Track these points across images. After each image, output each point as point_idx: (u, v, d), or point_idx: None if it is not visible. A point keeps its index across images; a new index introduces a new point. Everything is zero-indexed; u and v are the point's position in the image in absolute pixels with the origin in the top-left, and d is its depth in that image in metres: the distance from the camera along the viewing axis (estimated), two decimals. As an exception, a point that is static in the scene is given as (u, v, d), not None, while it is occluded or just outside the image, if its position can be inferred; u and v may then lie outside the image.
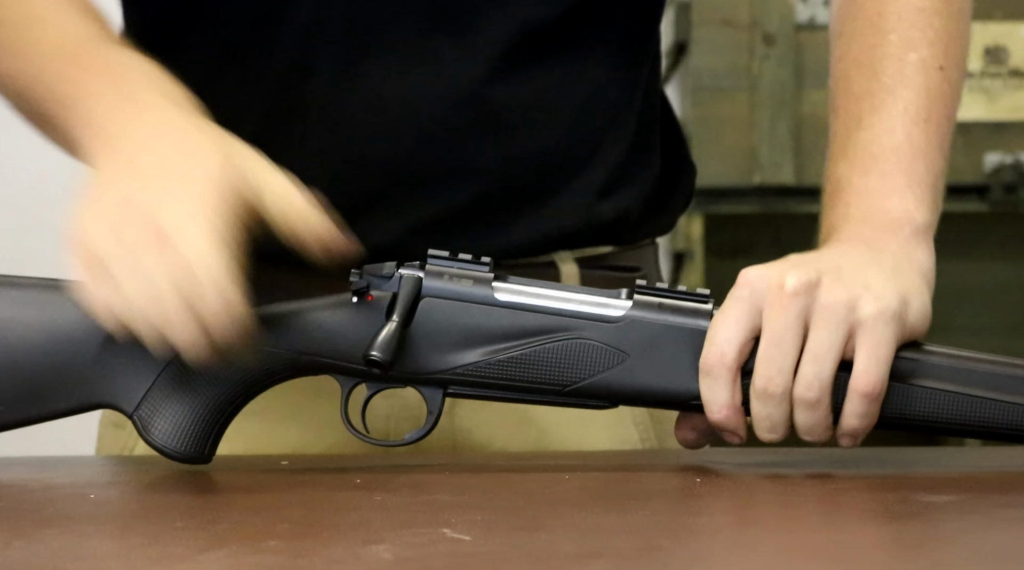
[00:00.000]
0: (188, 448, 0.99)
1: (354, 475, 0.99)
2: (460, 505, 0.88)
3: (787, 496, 0.92)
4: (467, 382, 0.98)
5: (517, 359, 0.98)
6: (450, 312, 0.98)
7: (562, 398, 0.98)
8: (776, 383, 0.93)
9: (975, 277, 2.98)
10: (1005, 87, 2.95)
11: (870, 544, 0.76)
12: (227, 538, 0.79)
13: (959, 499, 0.89)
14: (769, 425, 0.95)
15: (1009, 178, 2.87)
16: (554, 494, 0.91)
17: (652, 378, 0.96)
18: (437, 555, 0.74)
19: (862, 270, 0.96)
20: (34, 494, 0.95)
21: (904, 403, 0.95)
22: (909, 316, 0.96)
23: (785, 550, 0.76)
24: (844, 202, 1.03)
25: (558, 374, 0.97)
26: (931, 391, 0.95)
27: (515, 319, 0.98)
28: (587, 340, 0.97)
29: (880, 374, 0.93)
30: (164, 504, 0.92)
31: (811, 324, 0.93)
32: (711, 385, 0.95)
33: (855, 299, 0.93)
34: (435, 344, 0.98)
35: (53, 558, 0.76)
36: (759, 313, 0.94)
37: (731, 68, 2.93)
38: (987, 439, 0.96)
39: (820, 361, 0.93)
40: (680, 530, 0.82)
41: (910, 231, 1.01)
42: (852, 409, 0.94)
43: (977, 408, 0.95)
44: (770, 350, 0.93)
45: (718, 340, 0.94)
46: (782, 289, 0.93)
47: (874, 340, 0.93)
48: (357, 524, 0.83)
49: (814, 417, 0.94)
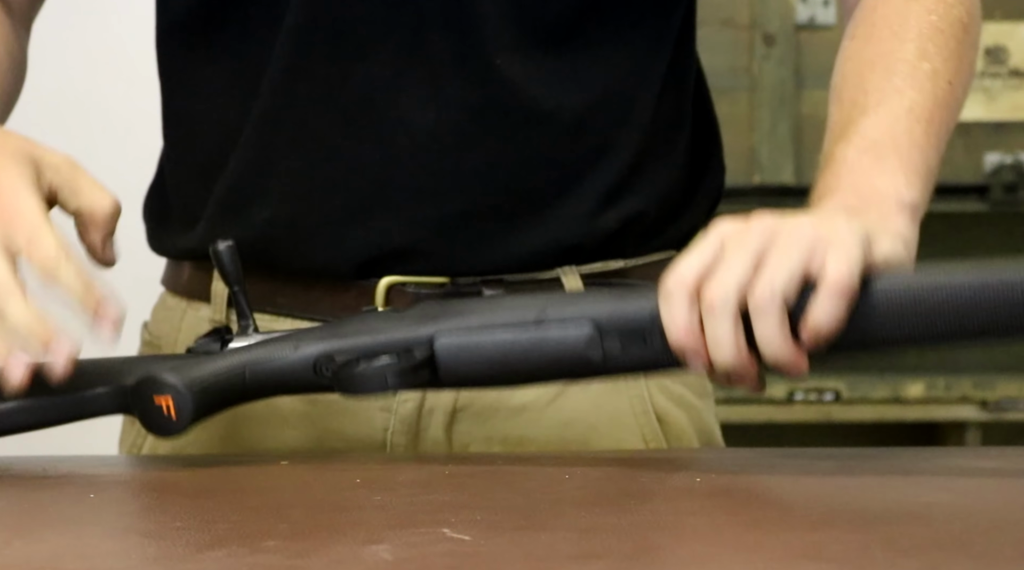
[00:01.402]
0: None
1: (354, 475, 0.99)
2: (460, 505, 0.88)
3: (787, 496, 0.92)
4: (450, 330, 0.98)
5: (500, 301, 0.99)
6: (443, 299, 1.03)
7: (539, 329, 0.98)
8: (716, 294, 0.92)
9: (975, 277, 2.98)
10: (1005, 87, 2.95)
11: (870, 544, 0.76)
12: (227, 538, 0.79)
13: (959, 499, 0.89)
14: (714, 341, 0.93)
15: (1009, 178, 2.87)
16: (554, 494, 0.91)
17: (629, 298, 0.97)
18: (437, 555, 0.74)
19: (835, 223, 0.96)
20: (34, 494, 0.95)
21: (871, 317, 0.94)
22: (878, 250, 0.94)
23: (785, 550, 0.76)
24: (835, 174, 1.03)
25: (538, 300, 0.98)
26: (900, 301, 0.94)
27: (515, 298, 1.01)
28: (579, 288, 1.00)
29: (850, 271, 0.91)
30: (164, 504, 0.92)
31: (773, 251, 0.93)
32: (669, 308, 0.94)
33: (820, 233, 0.93)
34: (426, 316, 0.99)
35: (53, 558, 0.76)
36: (723, 251, 0.95)
37: (731, 68, 2.94)
38: (968, 340, 0.94)
39: (772, 269, 0.92)
40: (680, 530, 0.82)
41: (895, 204, 1.00)
42: (820, 305, 0.92)
43: (951, 308, 0.92)
44: (715, 268, 0.93)
45: (679, 267, 0.95)
46: (747, 226, 0.94)
47: (843, 249, 0.92)
48: (357, 524, 0.83)
49: (769, 326, 0.92)
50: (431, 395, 1.13)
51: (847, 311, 0.92)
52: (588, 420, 1.15)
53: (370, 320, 1.01)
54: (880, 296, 0.93)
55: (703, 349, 0.94)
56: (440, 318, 0.99)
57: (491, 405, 1.14)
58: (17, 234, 0.97)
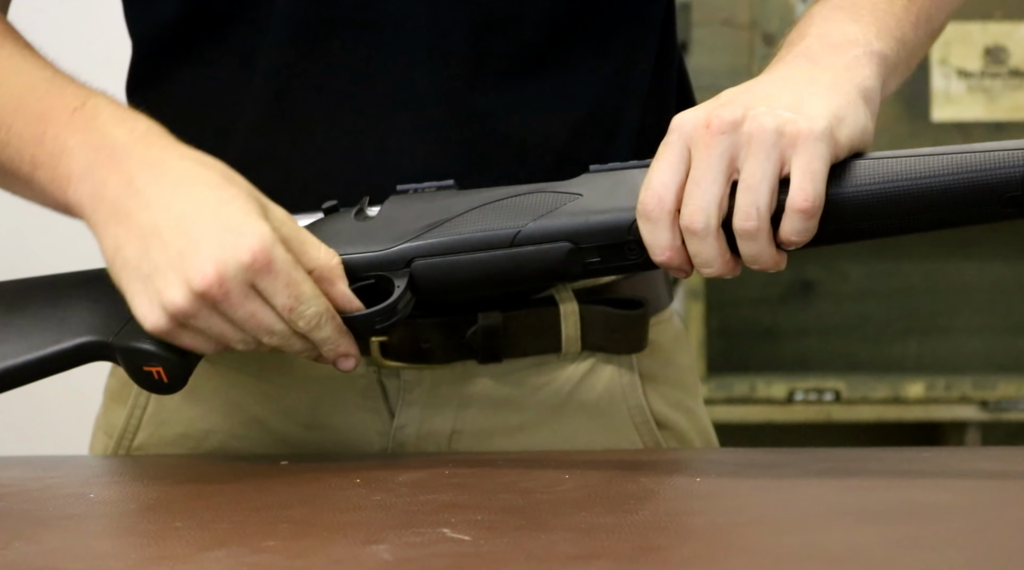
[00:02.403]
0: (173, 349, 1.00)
1: (354, 475, 0.99)
2: (460, 505, 0.88)
3: (787, 496, 0.92)
4: (426, 249, 1.00)
5: (473, 215, 1.00)
6: (410, 202, 1.02)
7: (517, 248, 0.99)
8: (697, 220, 0.94)
9: (975, 277, 2.98)
10: (1005, 87, 2.95)
11: (870, 544, 0.76)
12: (227, 538, 0.79)
13: (959, 499, 0.89)
14: (701, 261, 0.96)
15: (1009, 178, 2.87)
16: (554, 494, 0.91)
17: (602, 209, 0.98)
18: (437, 555, 0.74)
19: (796, 92, 0.96)
20: (34, 494, 0.95)
21: (843, 210, 0.95)
22: (843, 132, 0.94)
23: (785, 550, 0.76)
24: (807, 24, 1.03)
25: (512, 219, 0.99)
26: (870, 190, 0.95)
27: (473, 195, 1.01)
28: (542, 192, 1.00)
29: (815, 189, 0.93)
30: (164, 504, 0.92)
31: (742, 156, 0.94)
32: (652, 229, 0.95)
33: (783, 124, 0.93)
34: (397, 227, 1.01)
35: (53, 558, 0.76)
36: (693, 160, 0.95)
37: (731, 68, 2.93)
38: (937, 226, 0.95)
39: (754, 191, 0.93)
40: (680, 530, 0.82)
41: (862, 51, 1.00)
42: (790, 226, 0.93)
43: (919, 195, 0.94)
44: (691, 188, 0.94)
45: (654, 185, 0.95)
46: (708, 129, 0.94)
47: (806, 157, 0.93)
48: (357, 524, 0.83)
49: (757, 246, 0.94)
50: (427, 420, 1.13)
51: (816, 224, 0.93)
52: (588, 435, 1.15)
53: (342, 233, 1.02)
54: (849, 192, 0.94)
55: (687, 264, 0.96)
56: (414, 235, 1.00)
57: (488, 427, 1.14)
58: (279, 290, 0.97)
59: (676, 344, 1.21)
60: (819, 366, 2.98)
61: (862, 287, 3.01)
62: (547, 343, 1.14)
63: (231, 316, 0.97)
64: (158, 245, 0.97)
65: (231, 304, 0.96)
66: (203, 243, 0.96)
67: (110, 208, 0.98)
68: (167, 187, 0.98)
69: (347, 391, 1.13)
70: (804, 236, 0.94)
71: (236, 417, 1.14)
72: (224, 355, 1.13)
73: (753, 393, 2.77)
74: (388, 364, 1.12)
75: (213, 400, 1.14)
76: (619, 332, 1.15)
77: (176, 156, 1.00)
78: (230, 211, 0.97)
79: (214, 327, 0.97)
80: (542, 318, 1.13)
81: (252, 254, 0.95)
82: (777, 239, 0.94)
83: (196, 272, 0.95)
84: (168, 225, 0.97)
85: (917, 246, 2.95)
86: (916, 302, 2.99)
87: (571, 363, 1.14)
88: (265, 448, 1.14)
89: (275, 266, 0.96)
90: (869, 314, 3.01)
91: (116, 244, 0.98)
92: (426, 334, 1.11)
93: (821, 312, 3.01)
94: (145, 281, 0.97)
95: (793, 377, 2.82)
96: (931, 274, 2.97)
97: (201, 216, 0.96)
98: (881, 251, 2.98)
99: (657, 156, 0.96)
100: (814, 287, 3.01)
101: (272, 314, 0.97)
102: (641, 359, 1.17)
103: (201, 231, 0.96)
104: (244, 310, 0.96)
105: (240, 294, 0.96)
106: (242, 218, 0.96)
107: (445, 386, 1.13)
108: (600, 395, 1.15)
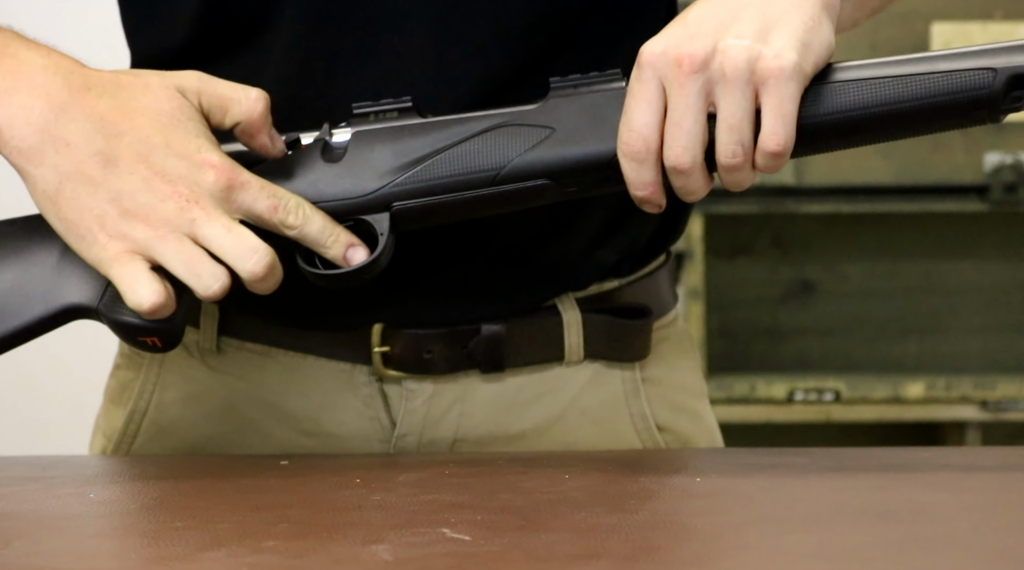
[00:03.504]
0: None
1: (354, 475, 0.99)
2: (460, 505, 0.88)
3: (787, 496, 0.92)
4: (407, 192, 1.00)
5: (450, 156, 1.00)
6: (380, 139, 1.02)
7: (498, 186, 1.00)
8: (683, 160, 0.95)
9: (975, 277, 2.98)
10: (1005, 87, 2.95)
11: (870, 544, 0.76)
12: (227, 538, 0.79)
13: (959, 499, 0.89)
14: (687, 192, 0.97)
15: (1009, 178, 2.87)
16: (554, 494, 0.91)
17: (579, 144, 0.99)
18: (437, 555, 0.74)
19: (761, 13, 0.96)
20: (34, 494, 0.95)
21: (812, 135, 0.96)
22: (810, 60, 0.95)
23: (785, 550, 0.76)
24: None
25: (490, 159, 1.00)
26: (836, 118, 0.96)
27: (443, 130, 1.01)
28: (513, 124, 1.01)
29: (786, 132, 0.94)
30: (164, 504, 0.92)
31: (717, 93, 0.94)
32: (636, 169, 0.96)
33: (755, 58, 0.94)
34: (372, 168, 1.01)
35: (53, 558, 0.76)
36: (664, 91, 0.96)
37: (731, 68, 2.92)
38: (912, 130, 0.97)
39: (736, 129, 0.94)
40: (680, 530, 0.82)
41: None
42: (763, 162, 0.95)
43: (889, 91, 0.96)
44: (672, 130, 0.95)
45: (636, 126, 0.96)
46: (680, 68, 0.94)
47: (777, 99, 0.94)
48: (357, 524, 0.83)
49: (740, 175, 0.96)
50: (429, 429, 1.13)
51: (787, 159, 0.95)
52: (590, 442, 1.15)
53: (314, 175, 1.01)
54: (818, 121, 0.96)
55: (663, 198, 0.97)
56: (392, 178, 1.00)
57: (489, 435, 1.13)
58: (255, 200, 0.97)
59: (680, 346, 1.21)
60: (819, 366, 2.98)
61: (862, 287, 3.01)
62: (550, 352, 1.13)
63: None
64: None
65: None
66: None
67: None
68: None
69: (348, 399, 1.12)
70: (775, 168, 0.96)
71: (236, 424, 1.14)
72: (224, 362, 1.13)
73: (753, 393, 2.78)
74: (390, 374, 1.11)
75: (213, 407, 1.14)
76: (622, 341, 1.15)
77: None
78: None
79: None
80: (545, 328, 1.13)
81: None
82: (754, 165, 0.96)
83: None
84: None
85: (917, 246, 2.95)
86: (916, 302, 2.99)
87: (573, 371, 1.14)
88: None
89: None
90: (869, 314, 3.01)
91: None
92: (428, 345, 1.11)
93: (821, 312, 3.01)
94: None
95: (793, 377, 2.82)
96: (931, 274, 2.97)
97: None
98: (881, 251, 2.98)
99: (632, 92, 0.96)
100: (814, 287, 3.01)
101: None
102: (644, 364, 1.17)
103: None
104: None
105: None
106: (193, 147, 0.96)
107: (447, 395, 1.13)
108: (602, 402, 1.15)
